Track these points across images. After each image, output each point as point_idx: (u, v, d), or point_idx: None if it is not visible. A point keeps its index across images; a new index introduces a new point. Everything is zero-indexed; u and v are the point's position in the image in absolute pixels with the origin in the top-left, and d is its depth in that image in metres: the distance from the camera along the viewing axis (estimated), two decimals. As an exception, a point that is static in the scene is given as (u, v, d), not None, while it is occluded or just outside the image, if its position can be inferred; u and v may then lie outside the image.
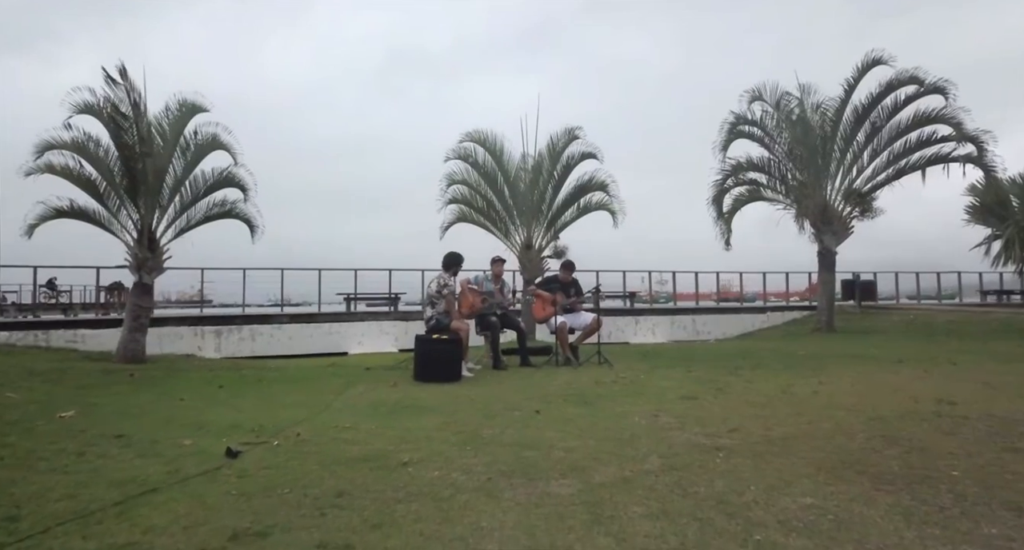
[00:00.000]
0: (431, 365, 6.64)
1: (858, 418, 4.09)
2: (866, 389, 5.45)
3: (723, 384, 5.85)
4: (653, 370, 7.14)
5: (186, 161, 9.60)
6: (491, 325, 7.82)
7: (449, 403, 5.02)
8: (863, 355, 8.46)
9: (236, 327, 13.10)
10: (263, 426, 4.07)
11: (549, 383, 6.18)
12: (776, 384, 5.83)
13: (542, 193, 13.93)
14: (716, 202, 15.25)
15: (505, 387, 5.98)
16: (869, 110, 14.23)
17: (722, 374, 6.59)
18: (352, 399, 5.39)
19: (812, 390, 5.44)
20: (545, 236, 14.24)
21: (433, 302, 7.24)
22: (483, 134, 13.90)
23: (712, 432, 3.74)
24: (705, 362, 7.95)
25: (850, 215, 15.20)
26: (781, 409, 4.51)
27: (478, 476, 2.83)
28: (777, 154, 15.62)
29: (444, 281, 7.23)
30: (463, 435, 3.76)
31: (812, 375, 6.42)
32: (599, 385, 5.98)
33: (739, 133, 15.68)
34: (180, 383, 6.49)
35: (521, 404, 4.91)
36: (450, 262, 7.40)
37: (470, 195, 13.91)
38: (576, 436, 3.69)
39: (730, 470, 2.89)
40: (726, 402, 4.87)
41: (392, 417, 4.44)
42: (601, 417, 4.31)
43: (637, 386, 5.87)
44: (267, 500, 2.47)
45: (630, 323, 17.03)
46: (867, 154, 14.69)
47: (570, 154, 13.71)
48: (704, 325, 17.91)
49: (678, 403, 4.86)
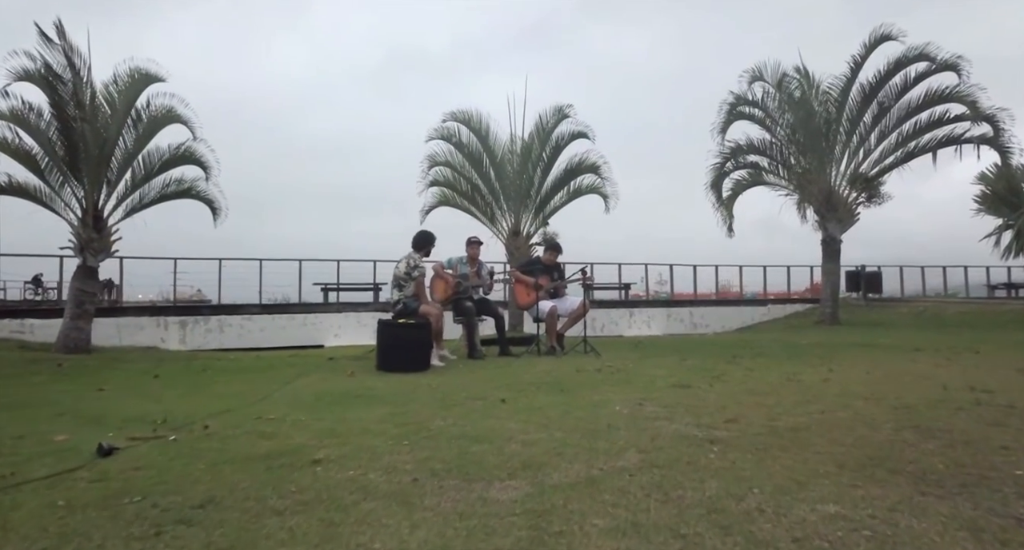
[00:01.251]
0: (395, 353, 6.02)
1: (880, 407, 3.49)
2: (884, 377, 4.86)
3: (720, 372, 5.25)
4: (643, 359, 6.54)
5: (138, 134, 8.94)
6: (466, 311, 7.21)
7: (405, 393, 4.41)
8: (874, 344, 7.87)
9: (203, 318, 12.44)
10: (171, 419, 3.45)
11: (526, 372, 5.57)
12: (780, 372, 5.24)
13: (530, 176, 13.31)
14: (715, 187, 14.66)
15: (476, 376, 5.38)
16: (877, 89, 13.65)
17: (719, 363, 6.00)
18: (297, 389, 4.77)
19: (822, 378, 4.84)
20: (533, 222, 13.62)
21: (400, 284, 6.62)
22: (468, 113, 13.26)
23: (706, 423, 3.14)
24: (701, 352, 7.36)
25: (856, 201, 14.65)
26: (788, 397, 3.91)
27: (401, 477, 2.22)
28: (779, 137, 15.05)
29: (414, 262, 6.61)
30: (406, 427, 3.15)
31: (820, 363, 5.83)
32: (581, 373, 5.38)
33: (739, 114, 15.10)
34: (112, 374, 5.86)
35: (488, 393, 4.30)
36: (421, 241, 6.77)
37: (453, 177, 13.27)
38: (541, 427, 3.09)
39: (726, 468, 2.28)
40: (723, 390, 4.27)
41: (331, 408, 3.82)
42: (576, 406, 3.70)
43: (624, 374, 5.27)
44: (95, 514, 1.85)
45: (624, 315, 16.44)
46: (874, 136, 14.13)
47: (560, 134, 13.09)
48: (702, 318, 17.34)
49: (668, 391, 4.26)
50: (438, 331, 6.89)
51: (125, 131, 8.79)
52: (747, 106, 14.96)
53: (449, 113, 13.25)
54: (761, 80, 14.88)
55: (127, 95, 8.81)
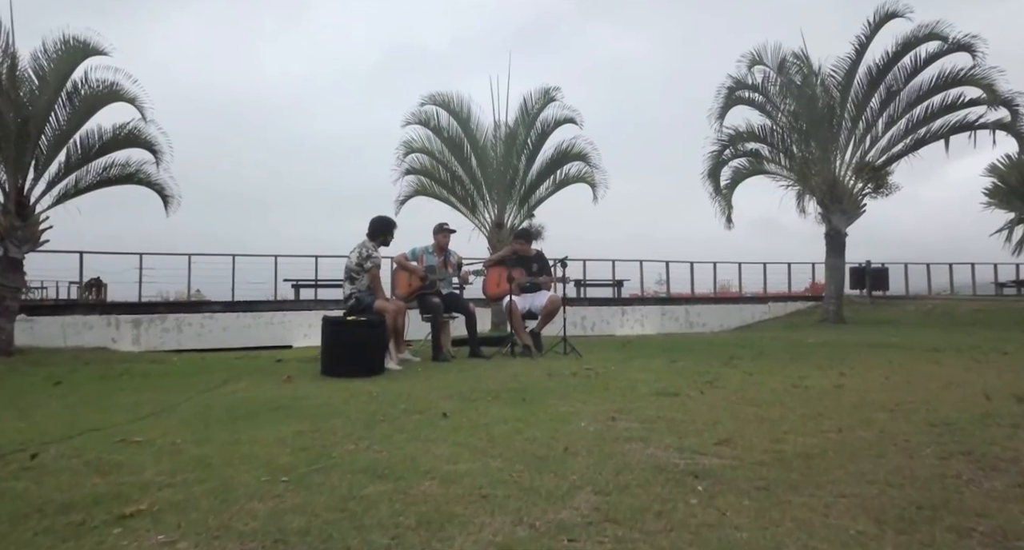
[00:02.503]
0: (342, 355, 5.32)
1: (912, 423, 2.83)
2: (906, 383, 4.20)
3: (714, 376, 4.59)
4: (628, 361, 5.88)
5: (73, 111, 8.19)
6: (432, 307, 6.51)
7: (335, 404, 3.73)
8: (886, 344, 7.22)
9: (159, 316, 11.70)
10: (8, 442, 2.75)
11: (491, 377, 4.89)
12: (784, 377, 4.57)
13: (515, 164, 12.62)
14: (712, 175, 13.98)
15: (430, 383, 4.69)
16: (885, 72, 12.99)
17: (714, 365, 5.33)
18: (211, 400, 4.08)
19: (833, 384, 4.18)
20: (518, 213, 12.94)
21: (352, 277, 5.92)
22: (447, 96, 12.55)
23: (691, 446, 2.47)
24: (695, 352, 6.70)
25: (862, 191, 14.01)
26: (794, 409, 3.24)
27: (226, 544, 1.53)
28: (780, 123, 14.39)
29: (367, 251, 5.91)
30: (305, 454, 2.47)
31: (829, 366, 5.17)
32: (552, 378, 4.71)
33: (738, 99, 14.42)
34: (9, 381, 5.15)
35: (432, 404, 3.62)
36: (377, 228, 6.07)
37: (431, 165, 12.56)
38: (477, 454, 2.41)
39: (712, 524, 1.61)
40: (717, 400, 3.60)
41: (231, 426, 3.13)
42: (532, 422, 3.03)
43: (602, 379, 4.59)
44: None
45: (616, 314, 15.78)
46: (882, 122, 13.47)
47: (546, 119, 12.41)
48: (698, 316, 16.69)
49: (650, 401, 3.59)
50: (397, 330, 6.21)
51: (57, 107, 8.05)
52: (747, 90, 14.30)
53: (428, 96, 12.55)
54: (761, 64, 14.22)
55: (60, 67, 8.06)
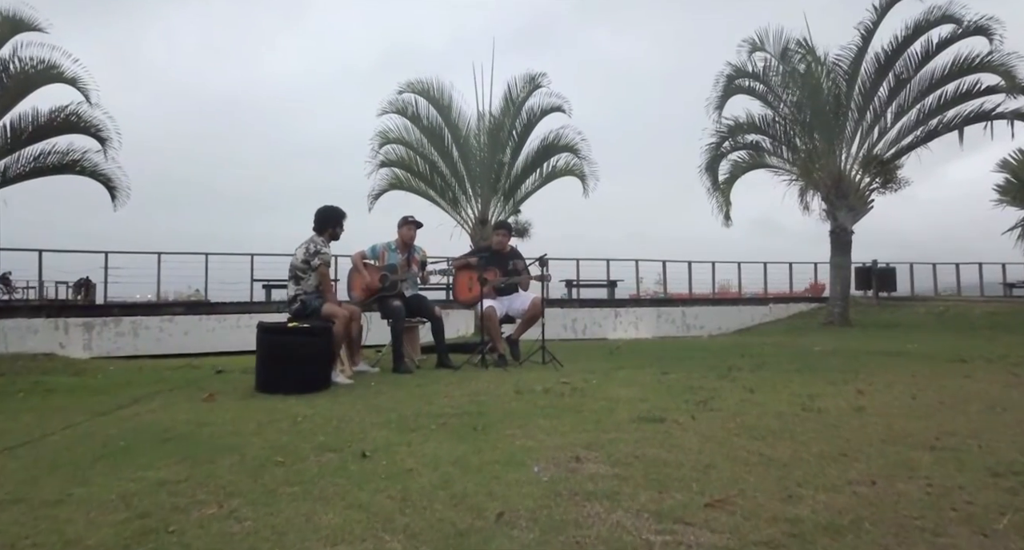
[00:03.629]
0: (279, 368, 4.66)
1: (968, 470, 2.18)
2: (940, 405, 3.56)
3: (709, 394, 3.94)
4: (613, 372, 5.23)
5: (2, 90, 7.51)
6: (392, 311, 5.85)
7: (241, 435, 3.07)
8: (902, 352, 6.59)
9: (112, 319, 10.98)
10: None
11: (450, 394, 4.24)
12: (791, 394, 3.93)
13: (500, 156, 11.96)
14: (710, 169, 13.35)
15: (375, 402, 4.04)
16: (894, 58, 12.37)
17: (710, 378, 4.69)
18: (96, 427, 3.40)
19: (851, 405, 3.53)
20: (504, 209, 12.28)
21: (298, 276, 5.25)
22: (426, 83, 11.87)
23: (674, 507, 1.82)
24: (690, 361, 6.06)
25: (869, 186, 13.41)
26: (809, 445, 2.60)
27: None
28: (782, 114, 13.77)
29: (315, 247, 5.24)
30: (130, 527, 1.82)
31: (843, 380, 4.53)
32: (521, 396, 4.06)
33: (737, 88, 13.81)
34: None
35: (359, 436, 2.97)
36: (324, 220, 5.38)
37: (409, 157, 11.88)
38: (375, 524, 1.76)
39: None
40: (710, 428, 2.95)
41: (79, 471, 2.46)
42: (473, 466, 2.37)
43: (578, 397, 3.95)
44: None
45: (609, 316, 15.14)
46: (891, 112, 12.86)
47: (532, 107, 11.75)
48: (696, 318, 16.06)
49: (629, 430, 2.94)
50: (350, 337, 5.55)
51: (-17, 88, 7.37)
52: (747, 79, 13.67)
53: (405, 83, 11.87)
54: (762, 50, 13.59)
55: (-16, 43, 7.39)
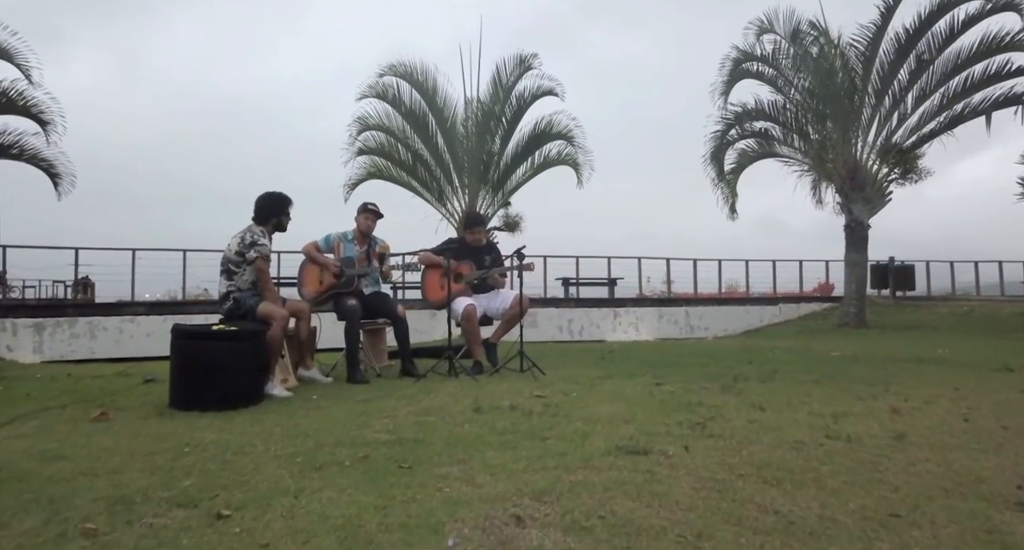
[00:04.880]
0: (198, 380, 3.96)
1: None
2: (1003, 431, 2.86)
3: (710, 412, 3.25)
4: (600, 382, 4.54)
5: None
6: (347, 312, 5.18)
7: (92, 473, 2.40)
8: (934, 359, 5.88)
9: (67, 320, 10.33)
10: None
11: (395, 411, 3.58)
12: (811, 413, 3.24)
13: (489, 145, 11.28)
14: (715, 159, 12.64)
15: (304, 422, 3.38)
16: (915, 38, 11.65)
17: (711, 390, 4.00)
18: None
19: (888, 430, 2.84)
20: (493, 201, 11.60)
21: (231, 270, 4.57)
22: (409, 66, 11.19)
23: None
24: (690, 368, 5.37)
25: (887, 177, 12.68)
26: (843, 495, 1.91)
27: None
28: (793, 100, 13.05)
29: (251, 237, 4.56)
30: None
31: (871, 395, 3.83)
32: (478, 415, 3.38)
33: (744, 73, 13.11)
34: None
35: (242, 479, 2.29)
36: (267, 208, 4.69)
37: (390, 145, 11.21)
38: None
39: None
40: (707, 467, 2.26)
41: None
42: (364, 534, 1.70)
43: (548, 418, 3.27)
44: None
45: (607, 316, 14.44)
46: (912, 97, 12.14)
47: (523, 91, 11.08)
48: (700, 319, 15.35)
49: (601, 468, 2.26)
50: (299, 341, 4.90)
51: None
52: (755, 62, 12.98)
53: (387, 65, 11.18)
54: (771, 31, 12.90)
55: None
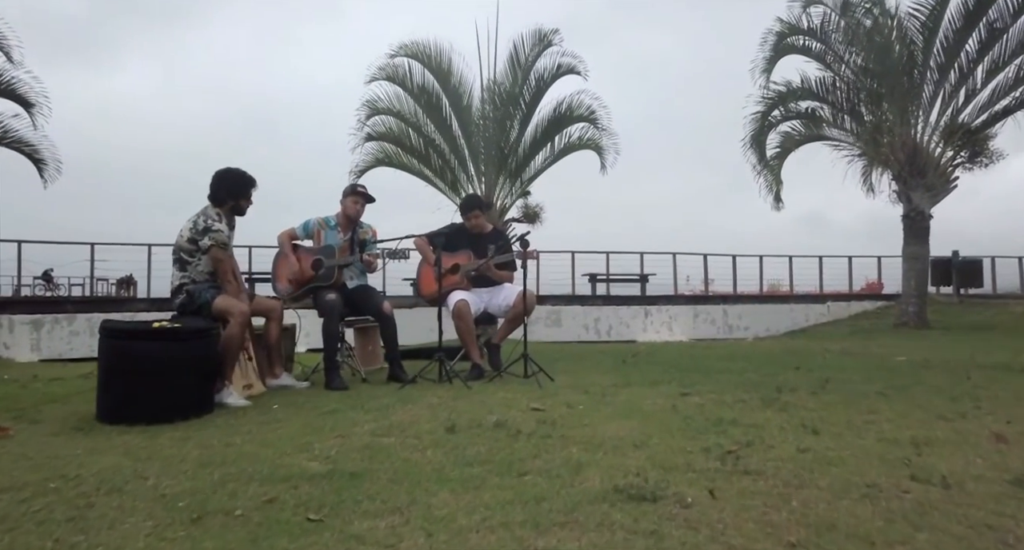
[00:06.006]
0: (128, 388, 3.37)
1: None
2: None
3: (745, 434, 2.52)
4: (614, 392, 3.83)
5: None
6: (325, 306, 4.58)
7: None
8: (1021, 366, 4.97)
9: (65, 317, 10.07)
10: None
11: (349, 430, 2.95)
12: (882, 439, 2.49)
13: (507, 129, 10.61)
14: (756, 142, 11.70)
15: (239, 443, 2.78)
16: (987, 4, 10.51)
17: (750, 404, 3.25)
18: None
19: (1000, 469, 2.06)
20: (511, 190, 10.92)
21: (183, 261, 4.00)
22: (422, 46, 10.59)
23: None
24: (724, 374, 4.61)
25: (952, 161, 11.55)
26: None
27: None
28: (844, 77, 12.01)
29: (205, 221, 3.98)
30: None
31: (959, 413, 3.03)
32: (450, 437, 2.73)
33: (789, 48, 12.11)
34: None
35: (69, 542, 1.67)
36: (224, 187, 4.08)
37: (400, 130, 10.64)
38: None
39: None
40: (741, 525, 1.53)
41: None
42: None
43: (537, 441, 2.59)
44: None
45: (638, 315, 13.62)
46: (982, 71, 11.00)
47: (542, 69, 10.34)
48: (739, 318, 14.40)
49: (587, 526, 1.56)
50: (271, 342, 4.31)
51: None
52: (801, 36, 11.97)
53: (399, 46, 10.62)
54: (819, 3, 11.88)
55: None
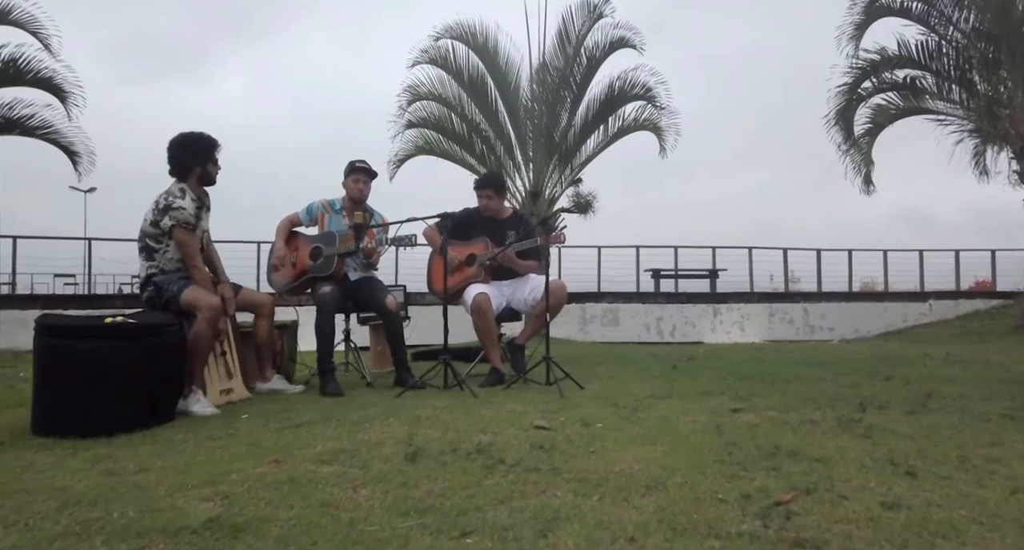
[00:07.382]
0: (66, 393, 2.93)
1: None
2: None
3: (807, 473, 1.78)
4: (649, 405, 3.15)
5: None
6: (318, 300, 4.10)
7: None
8: None
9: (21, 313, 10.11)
10: None
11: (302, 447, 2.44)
12: (1011, 486, 1.69)
13: (555, 111, 9.97)
14: (843, 117, 10.46)
15: (152, 462, 2.31)
16: None
17: (820, 426, 2.49)
18: None
19: None
20: (562, 178, 10.26)
21: (150, 247, 3.59)
22: (467, 27, 10.13)
23: None
24: (792, 384, 3.79)
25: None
26: None
27: None
28: (953, 41, 10.56)
29: (167, 199, 3.55)
30: None
31: None
32: (408, 466, 2.16)
33: (883, 10, 10.77)
34: None
35: None
36: (181, 153, 3.62)
37: (443, 115, 10.19)
38: None
39: None
40: None
41: None
42: None
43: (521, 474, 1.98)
44: None
45: (705, 314, 12.59)
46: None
47: (593, 45, 9.63)
48: (822, 318, 13.05)
49: None
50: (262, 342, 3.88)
51: None
52: (897, -5, 10.64)
53: (443, 27, 10.19)
54: (921, -44, 10.51)
55: None
